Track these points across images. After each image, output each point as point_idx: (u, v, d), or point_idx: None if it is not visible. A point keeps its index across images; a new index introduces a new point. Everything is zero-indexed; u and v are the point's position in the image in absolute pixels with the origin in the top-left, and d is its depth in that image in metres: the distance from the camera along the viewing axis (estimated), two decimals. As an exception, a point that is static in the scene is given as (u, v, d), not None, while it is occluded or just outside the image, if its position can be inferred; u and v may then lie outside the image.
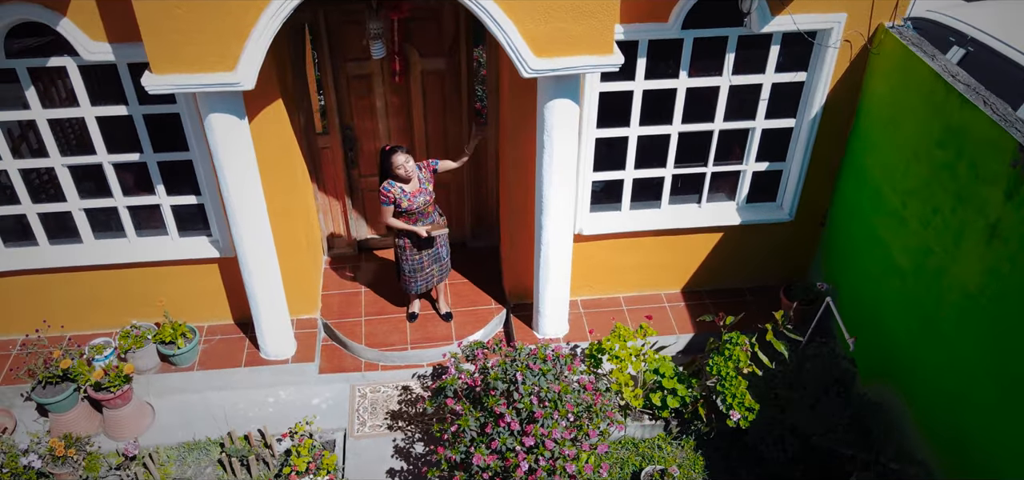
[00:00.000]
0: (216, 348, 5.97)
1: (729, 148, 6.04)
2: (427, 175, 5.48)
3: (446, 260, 5.89)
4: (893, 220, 5.18)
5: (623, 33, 5.19)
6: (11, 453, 4.93)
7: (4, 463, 4.91)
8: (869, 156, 5.54)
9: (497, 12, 4.41)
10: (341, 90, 6.16)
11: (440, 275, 5.92)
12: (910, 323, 4.97)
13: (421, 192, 5.44)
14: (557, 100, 4.88)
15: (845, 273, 5.88)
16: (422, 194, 5.44)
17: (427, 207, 5.51)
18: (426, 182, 5.46)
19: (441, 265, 5.87)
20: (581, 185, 5.86)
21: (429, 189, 5.47)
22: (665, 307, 6.40)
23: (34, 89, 5.06)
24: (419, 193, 5.44)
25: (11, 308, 5.90)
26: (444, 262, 5.87)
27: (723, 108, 5.72)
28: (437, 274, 5.90)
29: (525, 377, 4.42)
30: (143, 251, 5.78)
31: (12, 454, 4.93)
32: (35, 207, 5.59)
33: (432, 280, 5.91)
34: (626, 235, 6.15)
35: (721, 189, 6.27)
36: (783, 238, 6.33)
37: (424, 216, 5.55)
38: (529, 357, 4.66)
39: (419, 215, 5.53)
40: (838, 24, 5.33)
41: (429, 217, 5.57)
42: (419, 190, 5.43)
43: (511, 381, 4.46)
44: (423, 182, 5.46)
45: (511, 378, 4.47)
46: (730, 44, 5.45)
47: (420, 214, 5.52)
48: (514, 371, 4.49)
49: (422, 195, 5.44)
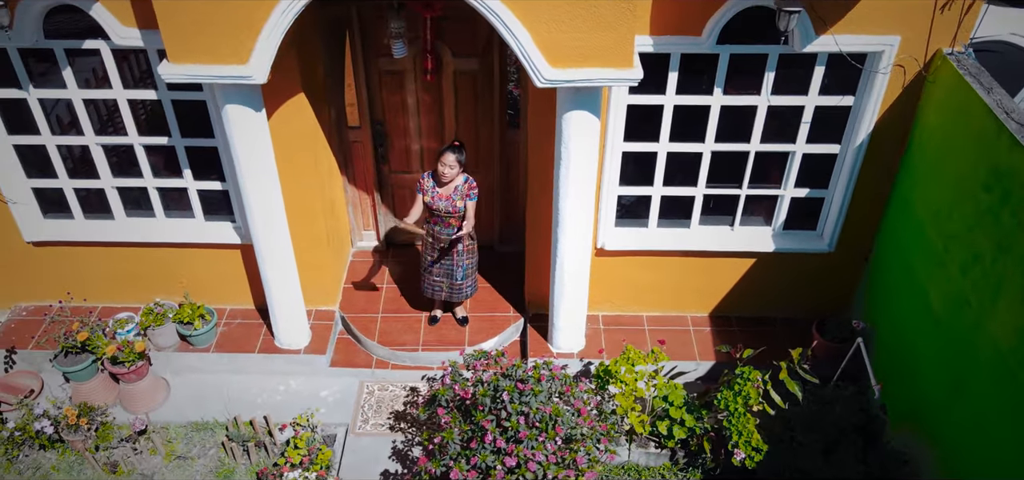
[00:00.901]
0: (234, 332, 6.07)
1: (767, 170, 5.72)
2: (464, 192, 5.39)
3: (460, 283, 5.78)
4: (933, 263, 4.78)
5: (652, 45, 4.97)
6: (28, 415, 5.14)
7: (18, 424, 5.13)
8: (916, 191, 5.14)
9: (510, 18, 4.27)
10: (373, 86, 6.15)
11: (449, 292, 5.82)
12: (942, 375, 4.58)
13: (447, 200, 5.36)
14: (575, 111, 4.71)
15: (884, 314, 5.48)
16: (446, 202, 5.37)
17: (448, 217, 5.43)
18: (458, 198, 5.37)
19: (451, 284, 5.77)
20: (605, 199, 5.67)
21: (457, 204, 5.38)
22: (689, 331, 6.13)
23: (71, 69, 5.24)
24: (445, 199, 5.36)
25: (47, 277, 6.16)
26: (457, 284, 5.77)
27: (761, 128, 5.42)
28: (445, 289, 5.81)
29: (512, 396, 4.29)
30: (170, 232, 5.92)
31: (29, 416, 5.14)
32: (71, 182, 5.80)
33: (437, 291, 5.83)
34: (651, 253, 5.91)
35: (756, 212, 5.95)
36: (822, 270, 5.96)
37: (443, 223, 5.47)
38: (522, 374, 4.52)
39: (438, 218, 5.47)
40: (890, 48, 4.94)
41: (449, 228, 5.49)
42: (447, 197, 5.36)
43: (497, 398, 4.34)
44: (456, 193, 5.37)
45: (497, 395, 4.35)
46: (770, 62, 5.14)
47: (439, 217, 5.46)
48: (502, 388, 4.36)
49: (446, 203, 5.37)
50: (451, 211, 5.39)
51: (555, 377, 4.58)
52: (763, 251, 5.88)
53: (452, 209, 5.39)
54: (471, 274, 5.80)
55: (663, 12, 4.84)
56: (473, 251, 5.73)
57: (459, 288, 5.79)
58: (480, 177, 6.58)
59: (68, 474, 5.19)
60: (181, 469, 5.24)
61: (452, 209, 5.39)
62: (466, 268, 5.72)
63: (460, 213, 5.42)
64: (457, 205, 5.38)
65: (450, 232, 5.49)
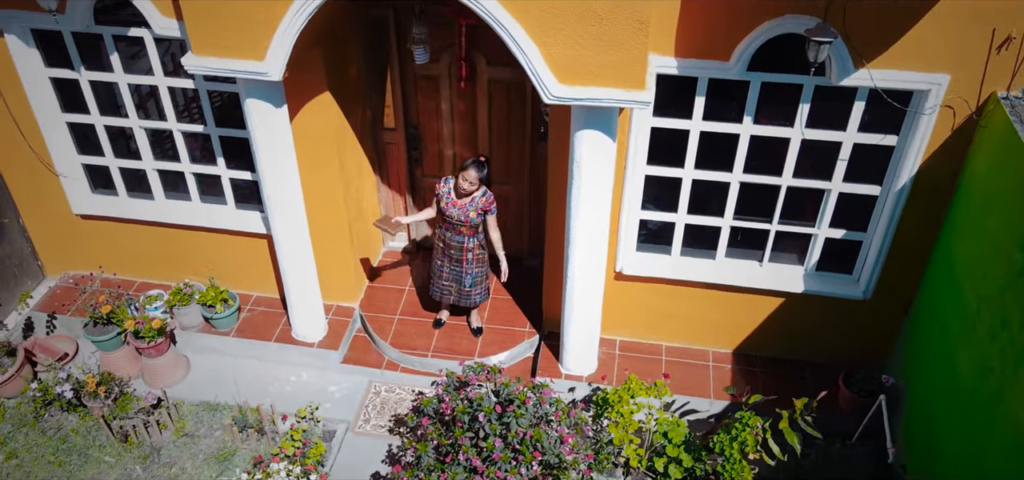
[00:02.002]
0: (256, 319, 6.24)
1: (800, 205, 5.42)
2: (481, 205, 5.37)
3: (469, 290, 5.73)
4: (965, 324, 4.40)
5: (676, 67, 4.79)
6: (52, 377, 5.43)
7: (40, 386, 5.42)
8: (958, 244, 4.75)
9: (518, 32, 4.20)
10: (408, 89, 6.19)
11: (457, 297, 5.79)
12: (961, 444, 4.21)
13: (461, 209, 5.35)
14: (588, 131, 4.59)
15: (918, 372, 5.08)
16: (460, 211, 5.35)
17: (460, 225, 5.41)
18: (473, 210, 5.35)
19: (460, 289, 5.74)
20: (626, 222, 5.50)
21: (470, 216, 5.36)
22: (708, 366, 5.87)
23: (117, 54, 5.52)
24: (459, 208, 5.35)
25: (93, 248, 6.51)
26: (465, 290, 5.73)
27: (794, 162, 5.14)
28: (454, 293, 5.78)
29: (490, 415, 4.21)
30: (204, 216, 6.14)
31: (53, 378, 5.43)
32: (116, 161, 6.11)
33: (446, 295, 5.81)
34: (673, 282, 5.70)
35: (787, 249, 5.65)
36: (856, 317, 5.59)
37: (454, 230, 5.46)
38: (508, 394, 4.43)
39: (449, 225, 5.45)
40: (938, 87, 4.59)
41: (460, 235, 5.46)
42: (462, 207, 5.35)
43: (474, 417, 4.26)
44: (471, 204, 5.35)
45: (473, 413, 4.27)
46: (805, 93, 4.86)
47: (450, 224, 5.45)
48: (481, 406, 4.28)
49: (459, 212, 5.35)
50: (463, 220, 5.37)
51: (542, 401, 4.46)
52: (793, 291, 5.57)
53: (464, 219, 5.36)
54: (481, 282, 5.76)
55: (688, 33, 4.66)
56: (483, 260, 5.68)
57: (468, 294, 5.76)
58: (510, 188, 6.54)
59: (85, 438, 5.45)
60: (186, 446, 5.42)
61: (464, 219, 5.36)
62: (475, 276, 5.68)
63: (473, 223, 5.39)
64: (470, 216, 5.35)
65: (461, 239, 5.46)
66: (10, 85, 5.67)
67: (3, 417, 5.60)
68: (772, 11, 4.51)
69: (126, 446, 5.38)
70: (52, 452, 5.35)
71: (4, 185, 6.22)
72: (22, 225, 6.46)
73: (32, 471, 5.25)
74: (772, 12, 4.51)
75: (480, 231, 5.53)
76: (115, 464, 5.28)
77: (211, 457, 5.33)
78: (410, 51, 5.59)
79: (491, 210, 5.38)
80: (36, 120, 5.82)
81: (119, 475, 5.23)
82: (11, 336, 6.15)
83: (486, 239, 5.64)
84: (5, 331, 6.15)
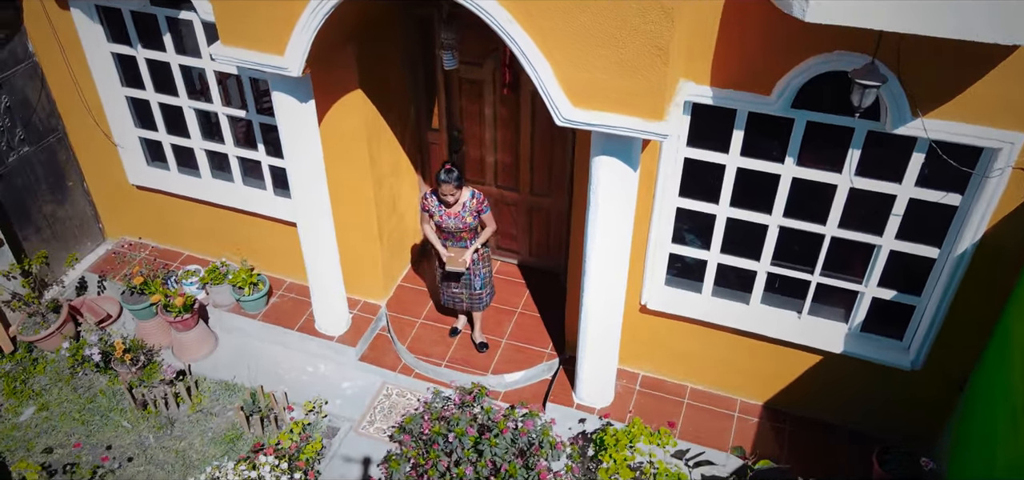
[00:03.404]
0: (284, 305, 6.33)
1: (847, 258, 4.94)
2: (473, 207, 5.25)
3: (479, 292, 5.59)
4: (1009, 419, 3.86)
5: (711, 97, 4.45)
6: (83, 341, 5.69)
7: (72, 347, 5.70)
8: (1018, 324, 4.19)
9: (531, 48, 3.99)
10: (453, 91, 6.09)
11: (469, 303, 5.65)
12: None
13: (456, 217, 5.23)
14: (605, 157, 4.33)
15: (959, 461, 4.54)
16: (455, 220, 5.24)
17: (460, 232, 5.29)
18: (467, 214, 5.23)
19: (471, 294, 5.59)
20: (653, 255, 5.19)
21: (467, 221, 5.24)
22: (733, 416, 5.47)
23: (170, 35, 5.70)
24: (454, 217, 5.23)
25: (147, 218, 6.80)
26: (475, 293, 5.58)
27: (840, 211, 4.68)
28: (465, 300, 5.64)
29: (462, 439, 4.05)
30: (244, 199, 6.28)
31: (83, 341, 5.70)
32: (169, 138, 6.34)
33: (458, 303, 5.67)
34: (702, 323, 5.34)
35: (830, 303, 5.16)
36: (902, 387, 5.06)
37: (455, 238, 5.33)
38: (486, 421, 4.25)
39: (449, 235, 5.34)
40: (1011, 146, 4.04)
41: (461, 241, 5.34)
42: (456, 215, 5.23)
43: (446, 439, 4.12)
44: (464, 210, 5.23)
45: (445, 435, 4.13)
46: (856, 138, 4.41)
47: (450, 234, 5.33)
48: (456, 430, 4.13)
49: (455, 220, 5.24)
50: (462, 227, 5.26)
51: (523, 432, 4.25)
52: (833, 351, 5.09)
53: (462, 225, 5.25)
54: (489, 282, 5.64)
55: (725, 62, 4.31)
56: (488, 259, 5.55)
57: (479, 297, 5.62)
58: (550, 201, 6.33)
59: (110, 400, 5.69)
60: (199, 422, 5.56)
61: (462, 225, 5.25)
62: (483, 277, 5.55)
63: (471, 227, 5.27)
64: (467, 221, 5.24)
65: (462, 244, 5.34)
66: (76, 57, 5.97)
67: (44, 369, 5.94)
68: (818, 46, 4.09)
69: (144, 414, 5.58)
70: (78, 410, 5.63)
71: (71, 150, 6.58)
72: (86, 188, 6.83)
73: (57, 425, 5.54)
74: (818, 47, 4.09)
75: (479, 231, 5.40)
76: (131, 430, 5.49)
77: (219, 437, 5.45)
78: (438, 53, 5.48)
79: (484, 208, 5.28)
80: (98, 92, 6.12)
81: (132, 441, 5.43)
82: (65, 293, 6.52)
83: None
84: (60, 287, 6.52)
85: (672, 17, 3.65)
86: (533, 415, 4.44)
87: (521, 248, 6.78)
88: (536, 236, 6.65)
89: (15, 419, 5.59)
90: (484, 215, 5.30)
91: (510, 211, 6.58)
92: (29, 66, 6.07)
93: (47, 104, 6.29)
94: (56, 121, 6.40)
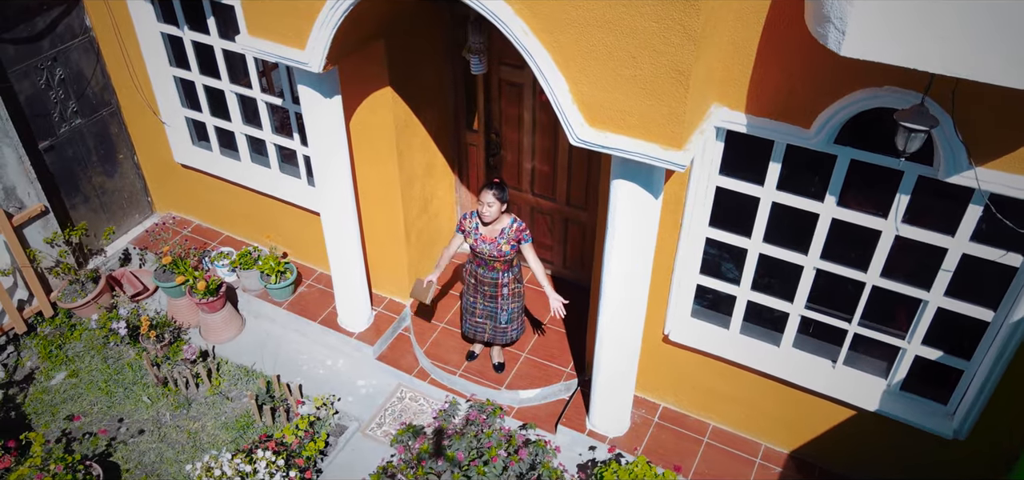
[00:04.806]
0: (310, 295, 6.33)
1: (890, 310, 4.53)
2: (513, 235, 4.95)
3: (504, 327, 5.34)
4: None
5: (745, 125, 4.13)
6: (112, 313, 5.84)
7: (101, 319, 5.85)
8: (1074, 409, 3.72)
9: (547, 64, 3.78)
10: (491, 94, 5.94)
11: (492, 335, 5.41)
12: None
13: (492, 243, 4.95)
14: (623, 181, 4.08)
15: (999, 548, 4.10)
16: (491, 245, 4.95)
17: (493, 261, 5.02)
18: (504, 242, 4.95)
19: (495, 327, 5.35)
20: (678, 285, 4.91)
21: (503, 249, 4.95)
22: (755, 462, 5.13)
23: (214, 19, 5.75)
24: (489, 243, 4.95)
25: (188, 194, 6.95)
26: (500, 327, 5.34)
27: (884, 259, 4.28)
28: (489, 332, 5.40)
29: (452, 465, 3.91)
30: (279, 186, 6.31)
31: (114, 314, 5.84)
32: (212, 120, 6.42)
33: (481, 333, 5.43)
34: (727, 362, 5.02)
35: (868, 354, 4.76)
36: (941, 455, 4.62)
37: (487, 266, 5.11)
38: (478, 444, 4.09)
39: (482, 261, 5.09)
40: (1081, 207, 3.59)
41: (494, 272, 5.09)
42: (492, 240, 4.95)
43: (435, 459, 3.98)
44: (502, 236, 4.95)
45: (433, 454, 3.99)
46: (905, 183, 4.01)
47: (482, 260, 5.08)
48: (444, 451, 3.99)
49: (490, 246, 4.95)
50: (496, 255, 4.97)
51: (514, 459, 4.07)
52: (868, 409, 4.69)
53: (497, 253, 4.96)
54: (517, 318, 5.38)
55: (761, 90, 3.99)
56: (519, 294, 5.29)
57: (503, 331, 5.40)
58: (587, 216, 6.11)
59: (135, 374, 5.82)
60: (214, 405, 5.62)
61: (497, 253, 4.96)
62: (511, 312, 5.30)
63: (506, 257, 5.01)
64: (502, 249, 4.96)
65: (495, 275, 5.09)
66: (128, 35, 6.11)
67: (80, 337, 6.14)
68: (866, 80, 3.73)
69: (164, 391, 5.69)
70: (104, 380, 5.78)
71: (123, 125, 6.77)
72: (136, 162, 7.01)
73: (83, 394, 5.71)
74: (865, 81, 3.73)
75: (515, 264, 5.16)
76: (149, 406, 5.60)
77: (231, 422, 5.49)
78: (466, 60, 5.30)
79: (524, 238, 4.96)
80: (147, 70, 6.25)
81: (149, 417, 5.54)
82: (107, 263, 6.72)
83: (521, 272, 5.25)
84: (103, 257, 6.73)
85: (695, 41, 3.37)
86: (539, 445, 4.27)
87: (555, 259, 6.58)
88: (570, 249, 6.43)
89: (46, 382, 5.80)
90: (524, 245, 4.98)
91: (545, 220, 6.38)
92: (86, 41, 6.25)
93: (102, 78, 6.47)
94: (110, 96, 6.58)
